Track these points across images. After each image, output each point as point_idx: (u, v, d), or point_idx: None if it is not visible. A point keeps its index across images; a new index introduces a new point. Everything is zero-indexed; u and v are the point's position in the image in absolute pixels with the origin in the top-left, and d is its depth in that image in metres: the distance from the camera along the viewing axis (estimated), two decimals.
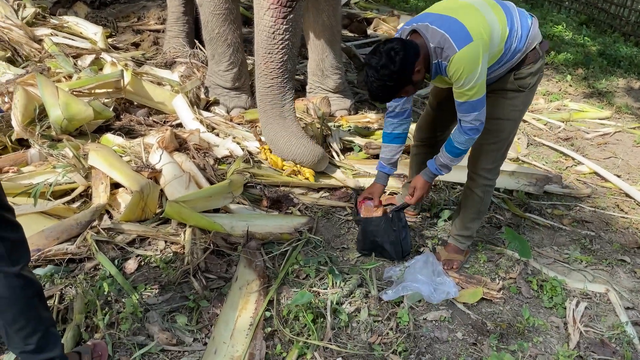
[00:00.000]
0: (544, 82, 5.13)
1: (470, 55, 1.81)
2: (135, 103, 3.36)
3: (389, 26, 6.22)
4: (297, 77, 4.45)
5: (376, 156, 3.19)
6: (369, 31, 6.15)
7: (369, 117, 3.71)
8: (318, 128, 3.23)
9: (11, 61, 3.60)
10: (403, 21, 6.25)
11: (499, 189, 2.92)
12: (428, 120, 2.39)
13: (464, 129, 1.96)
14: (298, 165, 2.85)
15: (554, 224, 2.73)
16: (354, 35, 5.96)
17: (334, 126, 3.49)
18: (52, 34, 4.11)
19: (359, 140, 3.35)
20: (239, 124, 3.42)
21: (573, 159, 3.48)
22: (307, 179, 2.81)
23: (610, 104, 4.58)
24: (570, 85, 5.00)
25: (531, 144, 3.70)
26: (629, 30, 7.44)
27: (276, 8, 2.47)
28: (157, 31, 5.07)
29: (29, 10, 4.31)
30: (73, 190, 2.37)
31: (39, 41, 3.95)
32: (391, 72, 1.80)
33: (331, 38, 3.60)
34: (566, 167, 3.36)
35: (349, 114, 3.78)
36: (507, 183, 2.94)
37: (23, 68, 3.49)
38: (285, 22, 2.52)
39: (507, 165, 3.12)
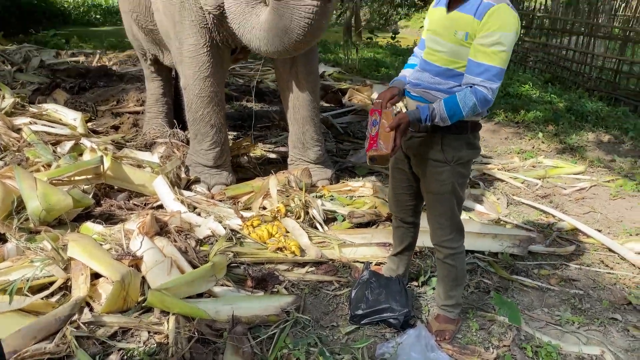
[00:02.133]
0: (517, 140, 5.28)
1: (517, 21, 1.84)
2: (116, 187, 3.35)
3: (362, 95, 6.42)
4: (278, 149, 4.53)
5: (360, 225, 3.21)
6: (344, 101, 6.34)
7: (350, 186, 3.74)
8: (300, 200, 3.24)
9: None
10: (376, 90, 6.47)
11: (483, 252, 2.93)
12: (395, 200, 2.38)
13: (477, 91, 1.85)
14: (283, 240, 2.83)
15: (542, 284, 2.72)
16: (330, 106, 6.13)
17: (316, 197, 3.51)
18: (31, 123, 4.15)
19: (341, 210, 3.36)
20: (220, 201, 3.42)
21: (553, 216, 3.52)
22: (293, 253, 2.78)
23: (583, 158, 4.71)
24: (543, 142, 5.15)
25: (511, 204, 3.75)
26: (591, 86, 7.79)
27: None
28: (137, 113, 5.16)
29: (8, 101, 4.37)
30: (52, 283, 2.31)
31: (18, 130, 3.98)
32: None
33: (311, 112, 3.69)
34: (548, 225, 3.39)
35: (330, 184, 3.82)
36: (491, 246, 2.95)
37: (1, 159, 3.48)
38: None
39: (489, 228, 3.15)
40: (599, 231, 3.31)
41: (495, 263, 2.87)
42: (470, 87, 1.87)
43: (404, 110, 2.70)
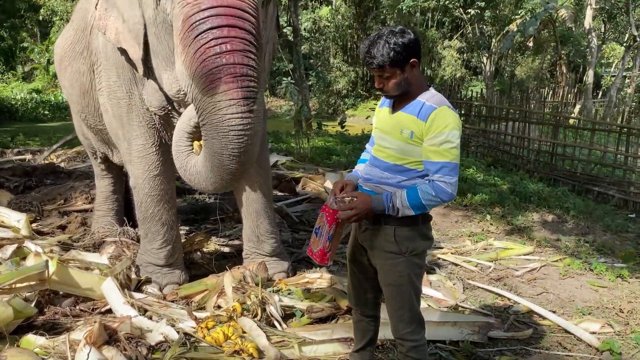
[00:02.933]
0: (467, 223, 5.43)
1: (458, 120, 1.97)
2: (61, 293, 3.17)
3: (316, 183, 6.52)
4: (232, 242, 4.46)
5: (319, 320, 3.13)
6: (298, 189, 6.42)
7: (308, 278, 3.69)
8: (256, 296, 3.16)
9: None
10: (329, 178, 6.61)
11: (444, 342, 2.90)
12: (355, 293, 2.38)
13: (434, 184, 1.95)
14: (240, 342, 2.72)
15: None
16: (284, 194, 6.18)
17: (273, 291, 3.43)
18: None
19: (300, 305, 3.29)
20: (172, 301, 3.28)
21: (509, 299, 3.57)
22: (250, 355, 2.66)
23: (531, 239, 4.88)
24: (491, 224, 5.32)
25: (467, 288, 3.79)
26: (531, 168, 8.26)
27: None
28: (85, 211, 5.02)
29: None
30: None
31: None
32: (401, 42, 1.92)
33: (264, 205, 3.70)
34: (504, 309, 3.43)
35: (287, 276, 3.76)
36: (452, 334, 2.93)
37: None
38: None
39: (449, 316, 3.15)
40: (554, 312, 3.36)
41: (457, 352, 2.84)
42: (430, 181, 1.98)
43: None
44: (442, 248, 4.63)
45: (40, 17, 26.64)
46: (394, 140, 2.08)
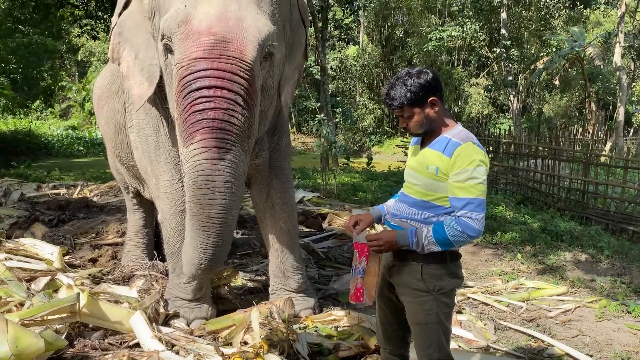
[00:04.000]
0: (497, 261, 5.32)
1: (484, 156, 1.97)
2: (91, 325, 3.21)
3: (342, 220, 6.51)
4: (259, 278, 4.46)
5: (347, 358, 3.08)
6: (324, 225, 6.41)
7: (335, 315, 3.65)
8: (283, 333, 3.13)
9: None
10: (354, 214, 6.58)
11: None
12: (383, 331, 2.35)
13: (460, 220, 1.94)
14: None
15: None
16: (310, 231, 6.18)
17: (299, 328, 3.40)
18: (6, 258, 4.05)
19: (327, 342, 3.24)
20: (200, 336, 3.28)
21: (542, 341, 3.45)
22: None
23: (564, 279, 4.74)
24: (522, 263, 5.20)
25: (498, 329, 3.68)
26: (562, 206, 8.10)
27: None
28: (116, 244, 5.11)
29: None
30: None
31: None
32: (418, 83, 1.97)
33: (290, 241, 3.71)
34: (538, 351, 3.32)
35: (314, 313, 3.73)
36: None
37: None
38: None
39: (479, 357, 3.06)
40: (590, 356, 3.24)
41: None
42: (456, 217, 1.97)
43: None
44: (472, 287, 4.53)
45: (79, 58, 27.86)
46: (421, 177, 2.10)
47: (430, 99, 2.02)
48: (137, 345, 3.09)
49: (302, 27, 3.21)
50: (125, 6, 3.14)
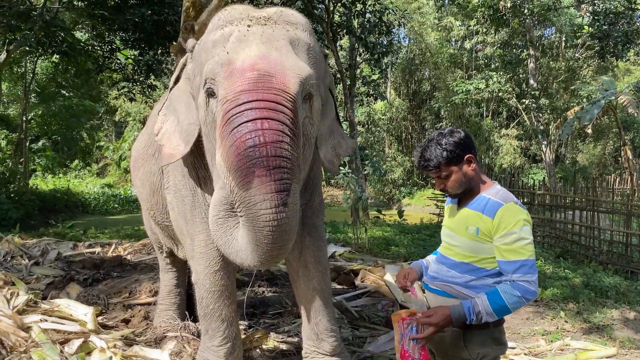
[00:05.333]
0: (539, 320, 5.08)
1: (527, 215, 1.94)
2: None
3: (375, 276, 6.38)
4: (291, 339, 4.35)
5: None
6: (357, 282, 6.28)
7: None
8: None
9: None
10: (388, 270, 6.45)
11: None
12: None
13: (517, 285, 1.86)
14: None
15: None
16: (343, 288, 6.06)
17: None
18: (41, 320, 4.08)
19: None
20: None
21: None
22: None
23: (612, 339, 4.48)
24: (566, 322, 4.96)
25: None
26: (604, 259, 7.77)
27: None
28: (149, 304, 5.10)
29: (21, 298, 4.36)
30: None
31: (28, 329, 3.89)
32: (452, 141, 1.94)
33: (323, 301, 3.63)
34: None
35: None
36: None
37: None
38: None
39: None
40: None
41: None
42: (510, 282, 1.89)
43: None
44: (514, 348, 4.31)
45: (116, 119, 29.06)
46: (460, 237, 2.04)
47: (467, 156, 2.00)
48: None
49: (331, 96, 3.25)
50: (176, 82, 3.27)
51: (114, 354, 3.19)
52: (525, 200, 10.28)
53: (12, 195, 14.49)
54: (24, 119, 16.88)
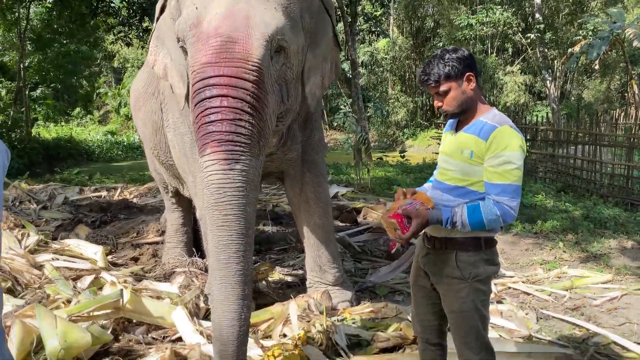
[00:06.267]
0: (538, 251, 5.20)
1: (521, 140, 1.93)
2: (134, 321, 3.30)
3: (377, 213, 6.49)
4: (296, 272, 4.49)
5: (385, 350, 3.07)
6: (359, 219, 6.40)
7: (372, 307, 3.64)
8: (321, 325, 3.15)
9: (11, 291, 3.61)
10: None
11: None
12: (418, 320, 2.33)
13: (499, 205, 1.91)
14: None
15: None
16: (345, 225, 6.19)
17: (337, 321, 3.41)
18: (53, 259, 4.21)
19: (365, 334, 3.24)
20: None
21: (587, 329, 3.36)
22: None
23: (609, 266, 4.59)
24: (564, 252, 5.07)
25: (541, 318, 3.60)
26: (605, 192, 7.83)
27: None
28: (156, 243, 5.23)
29: (32, 239, 4.48)
30: None
31: (40, 267, 4.03)
32: (454, 57, 1.95)
33: (325, 235, 3.72)
34: (582, 340, 3.23)
35: (351, 306, 3.73)
36: None
37: (22, 297, 3.49)
38: None
39: (522, 346, 3.00)
40: (639, 344, 3.13)
41: None
42: (494, 201, 1.94)
43: None
44: (512, 277, 4.44)
45: (115, 65, 28.63)
46: (455, 162, 2.06)
47: (468, 74, 1.98)
48: (180, 339, 3.17)
49: (326, 16, 3.18)
50: (162, 11, 3.21)
51: (125, 288, 3.31)
52: (528, 136, 10.25)
53: (15, 144, 14.53)
54: (22, 66, 16.65)
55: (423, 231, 2.11)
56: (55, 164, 15.27)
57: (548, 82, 18.96)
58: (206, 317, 3.53)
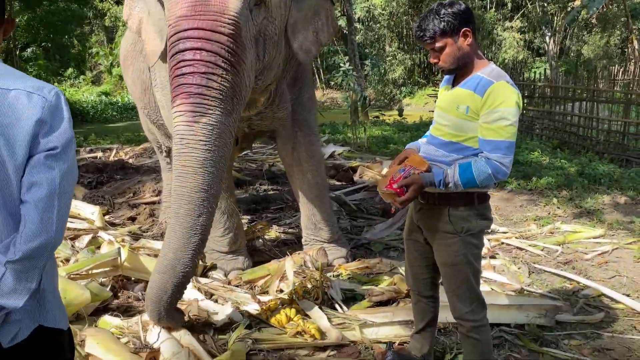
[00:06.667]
0: (532, 207, 5.25)
1: (517, 96, 1.91)
2: (133, 278, 3.35)
3: (373, 172, 6.50)
4: (292, 230, 4.54)
5: (380, 303, 3.14)
6: (355, 178, 6.42)
7: (367, 263, 3.70)
8: (317, 280, 3.21)
9: None
10: (386, 166, 6.57)
11: (509, 325, 2.83)
12: (412, 273, 2.37)
13: (491, 163, 1.91)
14: (302, 323, 2.77)
15: (574, 356, 2.60)
16: (342, 184, 6.21)
17: (333, 276, 3.47)
18: None
19: (360, 289, 3.31)
20: (237, 286, 3.39)
21: (578, 282, 3.43)
22: (312, 336, 2.71)
23: (601, 222, 4.65)
24: (558, 208, 5.11)
25: (532, 272, 3.67)
26: (601, 149, 7.85)
27: None
28: (153, 203, 5.26)
29: None
30: None
31: None
32: (450, 12, 1.91)
33: (319, 193, 3.73)
34: (573, 293, 3.30)
35: (347, 262, 3.79)
36: (517, 317, 2.86)
37: None
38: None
39: (513, 299, 3.07)
40: (627, 295, 3.20)
41: (522, 335, 2.76)
42: (486, 159, 1.93)
43: None
44: (506, 232, 4.50)
45: (106, 24, 27.99)
46: (450, 117, 2.05)
47: (464, 29, 1.95)
48: None
49: None
50: None
51: (122, 247, 3.35)
52: (526, 93, 10.17)
53: None
54: None
55: None
56: None
57: (547, 37, 18.66)
58: (204, 274, 3.59)
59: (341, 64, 9.40)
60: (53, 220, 1.22)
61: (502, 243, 4.25)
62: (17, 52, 17.33)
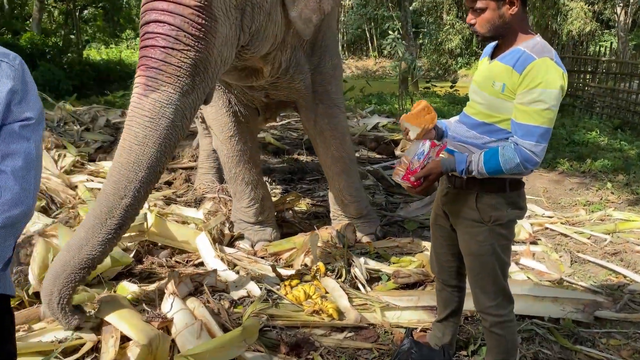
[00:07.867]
0: (583, 191, 4.92)
1: (562, 77, 1.70)
2: (159, 244, 3.36)
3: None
4: (325, 203, 4.43)
5: (406, 286, 3.01)
6: (397, 152, 6.21)
7: (398, 242, 3.57)
8: (341, 257, 3.11)
9: (45, 210, 3.73)
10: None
11: (542, 318, 2.65)
12: (436, 260, 2.23)
13: (518, 149, 1.73)
14: (320, 302, 2.69)
15: (611, 356, 2.40)
16: (382, 157, 6.03)
17: (360, 254, 3.36)
18: (87, 180, 4.31)
19: (386, 269, 3.19)
20: (262, 257, 3.35)
21: (625, 276, 3.17)
22: (330, 316, 2.63)
23: None
24: (612, 193, 4.76)
25: (575, 262, 3.43)
26: None
27: None
28: (190, 168, 5.28)
29: (68, 160, 4.58)
30: (83, 345, 2.27)
31: (75, 187, 4.13)
32: None
33: (344, 167, 3.58)
34: (618, 287, 3.05)
35: (376, 239, 3.66)
36: (551, 310, 2.67)
37: (55, 217, 3.59)
38: None
39: (549, 290, 2.87)
40: None
41: (556, 330, 2.58)
42: (515, 145, 1.74)
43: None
44: (551, 217, 4.23)
45: None
46: (485, 94, 1.85)
47: None
48: (202, 264, 3.21)
49: None
50: None
51: (151, 211, 3.35)
52: (589, 68, 9.52)
53: (66, 66, 14.81)
54: None
55: None
56: (106, 86, 15.52)
57: (619, 8, 17.38)
58: (231, 244, 3.56)
59: (389, 31, 9.05)
60: (31, 189, 1.25)
61: (546, 228, 4.00)
62: (77, 14, 17.75)
